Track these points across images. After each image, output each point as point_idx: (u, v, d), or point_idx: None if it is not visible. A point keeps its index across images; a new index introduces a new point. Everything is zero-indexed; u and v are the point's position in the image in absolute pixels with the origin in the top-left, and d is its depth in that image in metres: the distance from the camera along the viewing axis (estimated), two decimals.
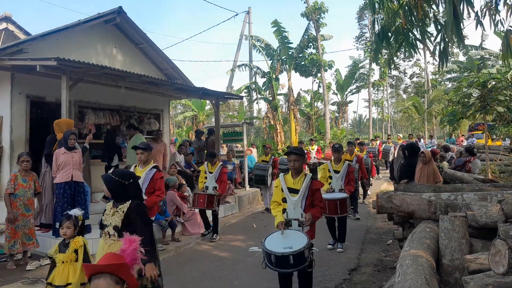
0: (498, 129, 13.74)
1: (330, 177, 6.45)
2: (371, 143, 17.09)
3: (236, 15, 22.89)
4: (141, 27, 9.70)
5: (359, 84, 30.62)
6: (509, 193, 4.03)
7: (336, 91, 29.95)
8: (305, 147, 14.06)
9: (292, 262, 3.19)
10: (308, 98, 29.19)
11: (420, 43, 4.78)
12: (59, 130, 6.42)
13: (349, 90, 29.68)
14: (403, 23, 4.48)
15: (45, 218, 6.46)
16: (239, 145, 13.55)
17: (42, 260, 5.70)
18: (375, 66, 28.82)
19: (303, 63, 23.21)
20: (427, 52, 24.36)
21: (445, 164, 9.57)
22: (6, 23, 10.69)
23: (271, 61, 23.21)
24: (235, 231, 7.80)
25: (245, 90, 23.72)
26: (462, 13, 3.81)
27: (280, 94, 25.07)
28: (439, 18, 4.84)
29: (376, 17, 5.00)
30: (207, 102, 22.05)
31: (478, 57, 23.06)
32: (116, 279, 1.90)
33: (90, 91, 8.43)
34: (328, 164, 6.65)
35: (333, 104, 31.52)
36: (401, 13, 4.43)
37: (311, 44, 23.33)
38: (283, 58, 22.85)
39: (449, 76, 27.65)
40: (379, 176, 15.52)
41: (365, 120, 60.64)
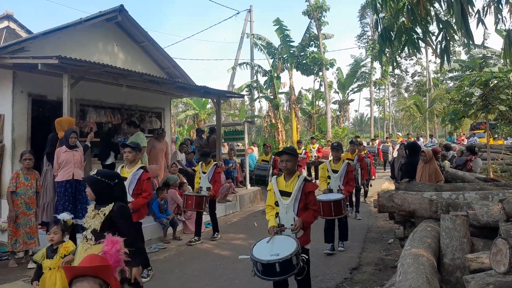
0: (500, 128, 13.74)
1: (329, 177, 6.24)
2: (371, 143, 17.10)
3: (238, 13, 22.83)
4: (143, 26, 9.72)
5: (360, 83, 30.56)
6: (511, 192, 4.03)
7: (337, 90, 29.93)
8: (305, 146, 14.03)
9: (279, 270, 3.04)
10: (310, 96, 29.17)
11: (423, 42, 4.76)
12: (60, 128, 6.43)
13: (350, 88, 29.64)
14: (406, 22, 4.45)
15: (46, 216, 6.46)
16: (240, 144, 13.56)
17: None
18: (376, 64, 28.79)
19: (304, 61, 23.18)
20: (429, 51, 24.34)
21: (446, 163, 9.55)
22: (7, 21, 10.72)
23: (272, 60, 23.18)
24: (236, 230, 7.81)
25: (247, 89, 23.71)
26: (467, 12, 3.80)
27: (282, 93, 25.06)
28: (441, 17, 4.83)
29: (378, 18, 4.97)
30: (209, 100, 22.03)
31: (480, 56, 22.98)
32: (100, 281, 1.84)
33: (92, 90, 8.43)
34: (326, 163, 6.43)
35: (334, 102, 31.49)
36: (404, 13, 4.41)
37: (312, 42, 23.33)
38: (284, 56, 22.82)
39: (451, 75, 27.56)
40: (372, 177, 15.34)
41: (366, 119, 60.57)
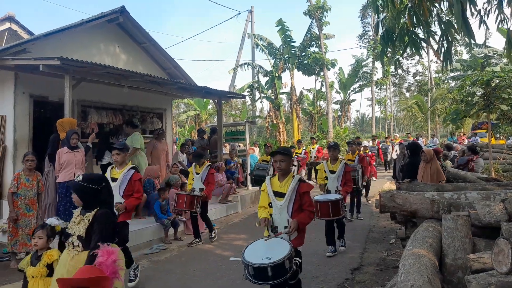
0: (501, 128, 13.71)
1: (327, 178, 6.17)
2: (372, 143, 17.10)
3: (239, 14, 22.86)
4: (144, 26, 9.72)
5: (362, 83, 30.55)
6: None
7: (339, 90, 29.92)
8: (303, 146, 13.97)
9: (271, 274, 2.93)
10: (311, 97, 29.17)
11: (425, 43, 4.74)
12: (62, 129, 6.45)
13: (352, 88, 29.62)
14: (408, 24, 4.44)
15: (48, 217, 6.45)
16: (241, 144, 13.56)
17: None
18: (378, 64, 28.78)
19: (305, 61, 23.20)
20: (430, 50, 24.27)
21: (448, 163, 9.53)
22: (9, 22, 10.73)
23: (273, 60, 23.20)
24: (237, 230, 7.80)
25: (248, 89, 23.73)
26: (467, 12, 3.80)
27: (283, 93, 25.07)
28: (442, 17, 4.81)
29: (380, 19, 4.96)
30: (210, 101, 22.06)
31: (482, 55, 22.98)
32: None
33: (93, 91, 8.45)
34: (323, 164, 6.33)
35: (335, 103, 31.46)
36: (406, 14, 4.40)
37: (313, 42, 23.33)
38: (285, 56, 22.82)
39: (453, 74, 27.57)
40: (373, 178, 15.24)
41: (368, 119, 60.57)
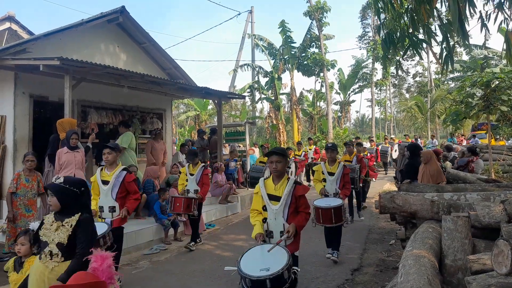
0: (501, 129, 13.70)
1: (324, 180, 5.88)
2: (370, 144, 16.96)
3: (239, 14, 22.95)
4: (144, 27, 9.73)
5: (361, 84, 30.54)
6: None
7: (338, 91, 29.94)
8: (303, 148, 13.86)
9: (270, 286, 2.83)
10: (311, 97, 29.17)
11: (426, 44, 4.74)
12: (62, 129, 6.45)
13: (351, 89, 29.64)
14: (408, 26, 4.44)
15: None
16: (241, 145, 13.57)
17: None
18: (377, 65, 28.78)
19: (305, 62, 23.21)
20: (430, 51, 24.27)
21: (448, 164, 9.53)
22: (9, 22, 10.74)
23: (273, 61, 23.21)
24: (237, 231, 7.80)
25: (248, 90, 23.75)
26: (465, 12, 3.79)
27: (283, 94, 25.08)
28: (442, 18, 4.81)
29: (380, 21, 4.96)
30: (210, 101, 22.07)
31: (482, 56, 22.98)
32: None
33: (93, 91, 8.45)
34: (321, 165, 6.01)
35: (335, 103, 31.48)
36: (406, 17, 4.39)
37: (313, 43, 23.34)
38: (285, 57, 22.83)
39: (452, 75, 27.56)
40: (373, 179, 15.08)
41: (367, 120, 60.53)
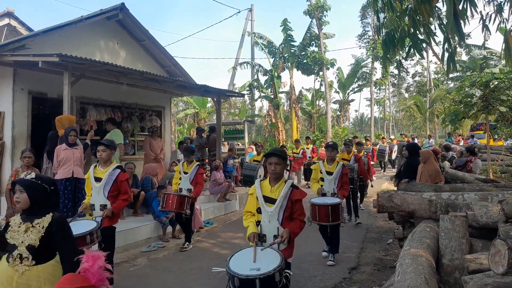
0: (500, 129, 13.73)
1: (322, 179, 5.76)
2: (366, 144, 16.93)
3: (239, 12, 23.06)
4: (143, 24, 9.73)
5: (361, 83, 30.53)
6: (510, 193, 4.03)
7: (338, 90, 29.94)
8: (301, 146, 13.80)
9: (259, 286, 2.67)
10: (310, 96, 29.17)
11: (426, 44, 4.74)
12: (60, 126, 6.44)
13: (351, 88, 29.64)
14: (409, 26, 4.43)
15: None
16: (240, 143, 13.57)
17: None
18: (377, 64, 28.80)
19: (305, 61, 23.20)
20: (429, 51, 24.29)
21: (446, 164, 9.54)
22: (8, 18, 10.72)
23: (273, 59, 23.20)
24: (235, 229, 7.80)
25: (247, 88, 23.74)
26: (466, 12, 3.79)
27: (282, 92, 25.07)
28: (442, 17, 4.81)
29: (381, 23, 4.95)
30: (209, 99, 22.04)
31: (481, 56, 23.02)
32: None
33: (92, 88, 8.43)
34: (320, 164, 5.87)
35: (334, 102, 31.50)
36: (407, 18, 4.39)
37: (313, 42, 23.32)
38: (285, 56, 22.82)
39: (452, 75, 27.60)
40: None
41: (366, 119, 60.55)
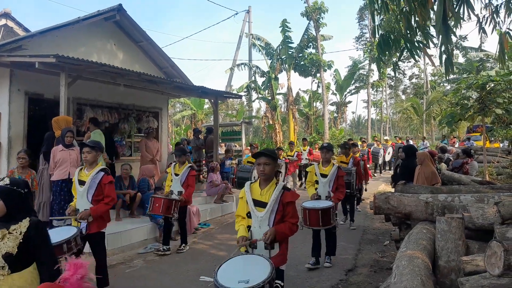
0: (496, 131, 13.81)
1: (317, 182, 5.57)
2: (362, 145, 16.92)
3: (236, 14, 23.13)
4: (141, 25, 9.70)
5: (358, 85, 30.68)
6: (506, 195, 4.05)
7: (335, 92, 30.02)
8: (297, 147, 13.78)
9: None
10: (307, 98, 29.23)
11: (423, 45, 4.76)
12: (57, 127, 6.42)
13: (348, 90, 29.74)
14: (403, 28, 4.46)
15: (42, 216, 6.43)
16: (237, 145, 13.57)
17: None
18: (374, 67, 28.90)
19: (302, 63, 23.26)
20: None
21: (443, 165, 9.58)
22: (5, 19, 10.69)
23: (270, 61, 23.23)
24: (232, 230, 7.71)
25: (245, 90, 23.76)
26: (460, 15, 3.81)
27: (279, 94, 25.12)
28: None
29: (377, 24, 4.97)
30: (206, 101, 22.06)
31: (477, 59, 23.15)
32: None
33: (89, 89, 8.41)
34: (315, 166, 5.69)
35: (332, 104, 31.62)
36: (402, 19, 4.41)
37: (311, 44, 23.38)
38: (283, 57, 22.86)
39: (448, 77, 27.70)
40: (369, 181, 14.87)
41: (363, 121, 60.69)
